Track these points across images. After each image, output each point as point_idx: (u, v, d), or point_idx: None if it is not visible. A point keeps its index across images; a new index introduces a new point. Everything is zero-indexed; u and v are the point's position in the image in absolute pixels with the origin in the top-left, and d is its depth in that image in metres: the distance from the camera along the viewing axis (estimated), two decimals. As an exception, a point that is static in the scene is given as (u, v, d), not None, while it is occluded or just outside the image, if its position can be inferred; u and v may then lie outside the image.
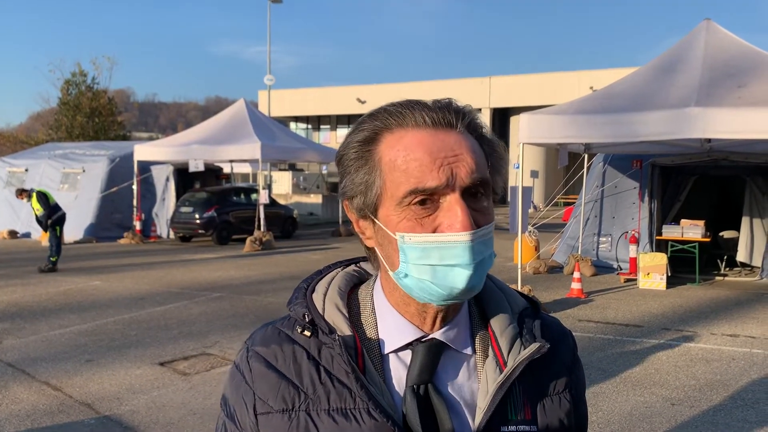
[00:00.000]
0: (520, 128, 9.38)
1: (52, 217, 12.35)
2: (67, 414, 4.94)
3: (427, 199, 0.85)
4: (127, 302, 9.25)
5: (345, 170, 0.92)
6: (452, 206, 0.85)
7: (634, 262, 10.93)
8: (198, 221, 17.11)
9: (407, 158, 0.86)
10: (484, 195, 0.89)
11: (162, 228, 18.96)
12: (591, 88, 34.15)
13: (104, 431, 4.64)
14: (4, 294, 9.92)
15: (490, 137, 0.93)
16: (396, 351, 0.94)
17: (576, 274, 9.68)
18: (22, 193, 12.72)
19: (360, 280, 1.03)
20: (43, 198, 12.29)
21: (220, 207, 17.39)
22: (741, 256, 11.47)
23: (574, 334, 1.06)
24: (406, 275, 0.88)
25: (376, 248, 0.94)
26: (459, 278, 0.85)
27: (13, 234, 18.96)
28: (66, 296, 9.77)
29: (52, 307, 8.90)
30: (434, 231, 0.85)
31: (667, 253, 10.57)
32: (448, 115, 0.89)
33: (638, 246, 11.24)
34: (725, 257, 11.79)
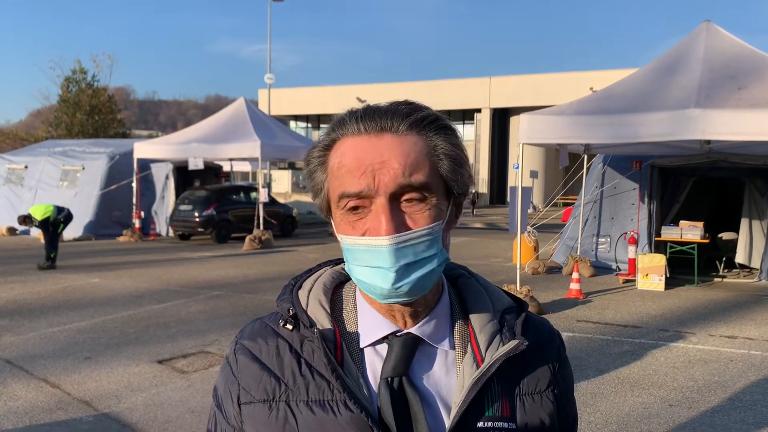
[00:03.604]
0: (520, 128, 9.39)
1: (60, 216, 12.46)
2: (65, 411, 4.95)
3: (360, 205, 0.89)
4: (125, 300, 9.26)
5: (309, 172, 0.98)
6: (377, 211, 0.89)
7: (632, 263, 10.94)
8: (197, 219, 17.11)
9: (340, 164, 0.91)
10: (419, 200, 0.89)
11: (161, 226, 18.95)
12: (591, 88, 34.11)
13: (102, 429, 4.64)
14: (3, 291, 9.92)
15: (444, 130, 0.93)
16: (373, 344, 0.96)
17: (575, 275, 9.69)
18: (25, 220, 12.68)
19: (346, 278, 1.05)
20: (45, 222, 12.30)
21: (219, 205, 17.39)
22: (740, 257, 11.48)
23: (572, 334, 1.07)
24: (351, 272, 0.93)
25: None
26: (383, 280, 0.88)
27: (12, 231, 18.96)
28: (65, 294, 9.77)
29: (50, 305, 8.91)
30: (363, 234, 0.89)
31: (665, 255, 10.58)
32: (383, 120, 0.91)
33: (637, 247, 11.25)
34: (724, 259, 11.81)
